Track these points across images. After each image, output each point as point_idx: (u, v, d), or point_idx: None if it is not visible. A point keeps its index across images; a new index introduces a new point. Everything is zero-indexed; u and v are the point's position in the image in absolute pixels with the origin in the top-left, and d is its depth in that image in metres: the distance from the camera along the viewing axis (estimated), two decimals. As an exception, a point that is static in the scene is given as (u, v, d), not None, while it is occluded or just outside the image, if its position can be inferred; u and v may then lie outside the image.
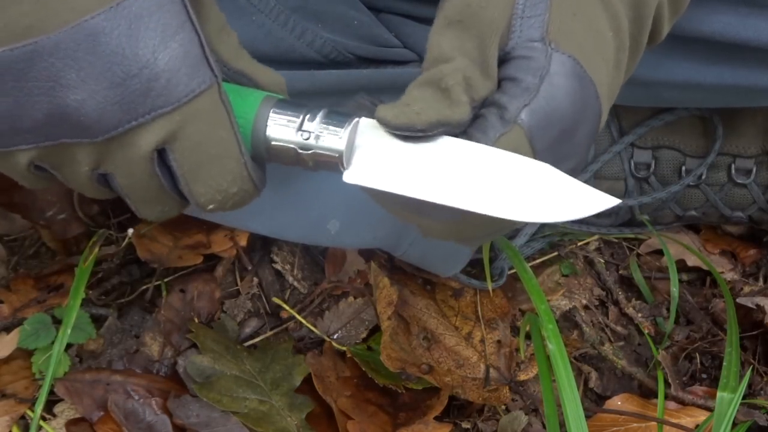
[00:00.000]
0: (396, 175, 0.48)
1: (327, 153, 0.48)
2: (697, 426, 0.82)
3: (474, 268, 0.91)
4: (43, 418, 0.78)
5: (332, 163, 0.49)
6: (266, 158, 0.50)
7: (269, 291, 0.91)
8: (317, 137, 0.48)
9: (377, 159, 0.48)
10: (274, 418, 0.78)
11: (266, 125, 0.49)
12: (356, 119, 0.49)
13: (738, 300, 0.91)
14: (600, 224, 0.99)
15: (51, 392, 0.78)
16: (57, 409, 0.80)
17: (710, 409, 0.84)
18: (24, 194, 0.89)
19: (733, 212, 0.96)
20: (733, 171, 0.94)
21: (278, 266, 0.92)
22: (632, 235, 1.00)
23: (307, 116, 0.48)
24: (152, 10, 0.44)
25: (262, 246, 0.93)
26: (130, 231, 0.89)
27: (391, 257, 0.89)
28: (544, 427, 0.83)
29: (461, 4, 0.49)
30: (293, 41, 0.71)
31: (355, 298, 0.89)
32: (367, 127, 0.49)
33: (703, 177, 0.95)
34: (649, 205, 0.96)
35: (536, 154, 0.48)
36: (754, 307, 0.91)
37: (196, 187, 0.48)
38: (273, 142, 0.49)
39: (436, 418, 0.80)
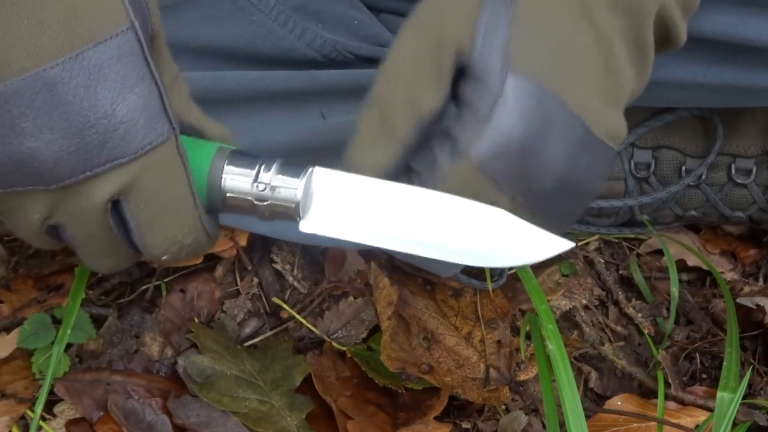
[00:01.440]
0: (351, 225, 0.48)
1: (283, 204, 0.48)
2: (697, 426, 0.82)
3: (474, 268, 0.91)
4: (43, 418, 0.78)
5: (288, 214, 0.49)
6: (221, 209, 0.50)
7: (269, 291, 0.91)
8: (273, 188, 0.48)
9: (332, 208, 0.49)
10: (274, 418, 0.78)
11: (221, 177, 0.49)
12: (311, 169, 0.49)
13: (738, 300, 0.91)
14: (600, 224, 0.99)
15: (51, 392, 0.78)
16: (57, 409, 0.80)
17: (710, 409, 0.84)
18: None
19: (733, 212, 0.96)
20: (733, 171, 0.94)
21: (278, 266, 0.92)
22: (632, 235, 1.00)
23: (263, 167, 0.48)
24: (112, 62, 0.44)
25: (262, 246, 0.93)
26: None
27: (391, 257, 0.89)
28: (544, 427, 0.83)
29: (427, 11, 0.50)
30: (293, 41, 0.71)
31: (355, 298, 0.89)
32: (321, 176, 0.49)
33: (703, 177, 0.95)
34: (649, 205, 0.96)
35: (498, 183, 0.48)
36: (754, 307, 0.91)
37: (150, 238, 0.48)
38: (228, 194, 0.49)
39: (436, 418, 0.80)
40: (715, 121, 0.92)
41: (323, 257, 0.92)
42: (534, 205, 0.50)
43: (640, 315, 0.93)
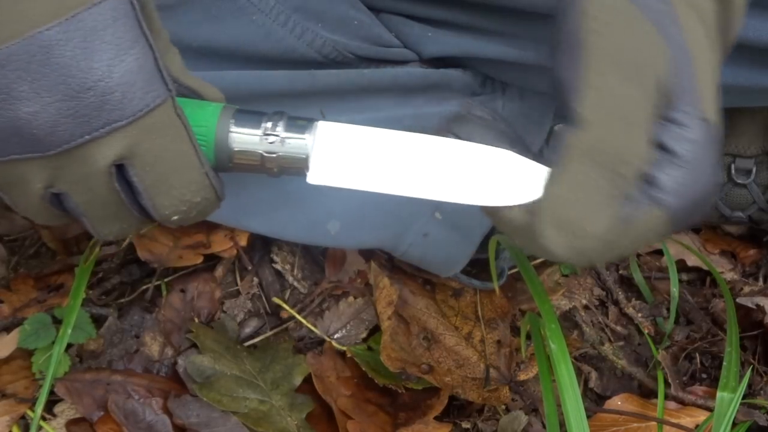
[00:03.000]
0: (358, 174, 0.48)
1: (293, 157, 0.49)
2: (697, 426, 0.82)
3: (474, 268, 0.91)
4: (43, 418, 0.78)
5: (297, 168, 0.49)
6: (230, 167, 0.50)
7: (269, 291, 0.91)
8: (282, 142, 0.49)
9: (339, 158, 0.49)
10: (274, 418, 0.78)
11: (228, 134, 0.49)
12: (317, 122, 0.49)
13: (738, 300, 0.91)
14: (600, 224, 0.99)
15: (51, 392, 0.78)
16: (57, 409, 0.80)
17: (710, 409, 0.84)
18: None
19: (733, 212, 0.96)
20: (733, 171, 0.94)
21: (278, 266, 0.92)
22: (632, 235, 0.99)
23: (269, 123, 0.49)
24: (107, 24, 0.44)
25: (262, 246, 0.93)
26: (130, 231, 0.89)
27: (391, 257, 0.89)
28: (544, 427, 0.83)
29: (627, 47, 0.46)
30: (293, 41, 0.71)
31: (355, 298, 0.89)
32: (327, 129, 0.49)
33: (704, 177, 0.94)
34: (649, 205, 0.96)
35: (671, 230, 0.46)
36: (754, 307, 0.91)
37: (160, 200, 0.48)
38: (237, 150, 0.49)
39: (436, 418, 0.80)
40: (715, 121, 0.92)
41: (323, 257, 0.92)
42: None
43: (640, 315, 0.93)
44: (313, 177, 0.49)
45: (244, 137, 0.49)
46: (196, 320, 0.87)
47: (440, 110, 0.78)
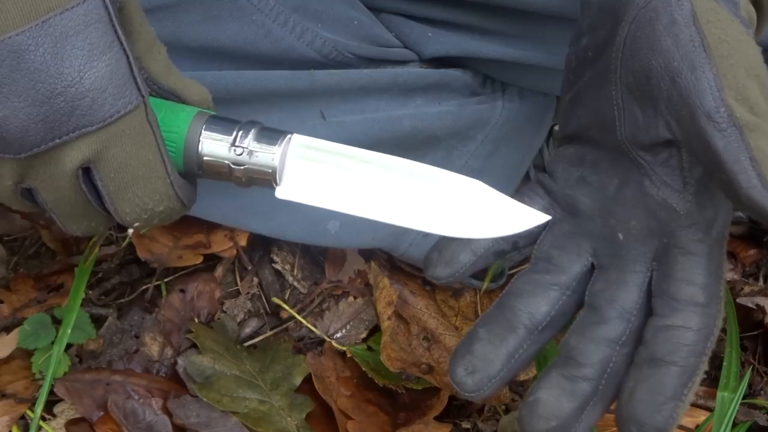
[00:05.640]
0: (327, 193, 0.48)
1: (260, 169, 0.49)
2: (697, 426, 0.82)
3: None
4: (43, 418, 0.78)
5: (265, 180, 0.49)
6: (199, 174, 0.50)
7: (269, 291, 0.91)
8: (251, 153, 0.48)
9: (309, 176, 0.49)
10: (274, 418, 0.78)
11: (199, 141, 0.49)
12: (289, 136, 0.49)
13: (738, 300, 0.91)
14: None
15: (51, 392, 0.78)
16: (57, 409, 0.80)
17: (710, 409, 0.84)
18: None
19: (734, 212, 0.96)
20: (733, 171, 0.94)
21: (278, 266, 0.92)
22: (632, 235, 0.99)
23: (240, 132, 0.49)
24: (79, 29, 0.44)
25: (262, 246, 0.93)
26: (130, 231, 0.89)
27: (391, 257, 0.89)
28: (544, 427, 0.83)
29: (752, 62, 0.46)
30: (293, 41, 0.71)
31: (355, 298, 0.89)
32: (299, 144, 0.49)
33: (704, 177, 0.94)
34: (649, 205, 0.96)
35: None
36: (754, 307, 0.91)
37: (122, 206, 0.48)
38: (206, 158, 0.49)
39: (436, 418, 0.80)
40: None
41: (323, 257, 0.92)
42: None
43: (640, 315, 0.93)
44: (282, 192, 0.49)
45: (213, 146, 0.49)
46: (196, 320, 0.87)
47: (440, 110, 0.78)
